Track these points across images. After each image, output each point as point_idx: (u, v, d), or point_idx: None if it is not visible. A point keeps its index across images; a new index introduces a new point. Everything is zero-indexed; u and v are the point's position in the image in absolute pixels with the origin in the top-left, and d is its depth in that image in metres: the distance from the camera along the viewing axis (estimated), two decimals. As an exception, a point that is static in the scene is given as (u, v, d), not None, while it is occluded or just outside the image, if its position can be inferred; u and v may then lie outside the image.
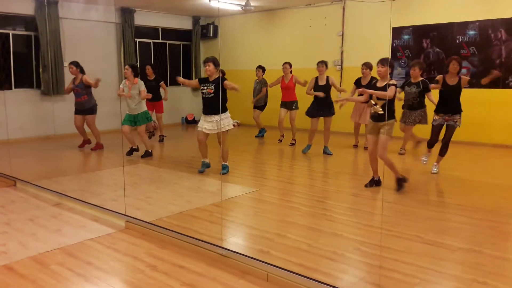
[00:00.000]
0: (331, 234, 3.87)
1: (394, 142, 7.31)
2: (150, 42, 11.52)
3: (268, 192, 5.26)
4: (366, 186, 5.34)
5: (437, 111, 5.98)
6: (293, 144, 8.31)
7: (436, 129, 6.02)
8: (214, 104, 5.75)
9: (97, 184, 5.84)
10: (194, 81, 6.25)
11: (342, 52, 9.88)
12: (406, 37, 9.05)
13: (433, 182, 5.85)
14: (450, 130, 5.88)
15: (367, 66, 7.38)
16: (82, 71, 7.75)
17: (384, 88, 4.91)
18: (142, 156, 7.17)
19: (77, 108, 7.87)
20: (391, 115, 5.01)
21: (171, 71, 11.89)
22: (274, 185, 5.75)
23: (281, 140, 8.48)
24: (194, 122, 11.99)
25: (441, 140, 5.97)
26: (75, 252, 3.48)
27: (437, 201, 5.03)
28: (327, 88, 7.23)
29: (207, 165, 6.20)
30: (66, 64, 9.54)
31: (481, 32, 8.15)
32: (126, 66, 7.13)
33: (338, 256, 3.40)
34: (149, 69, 8.71)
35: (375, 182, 5.36)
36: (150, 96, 7.27)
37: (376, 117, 5.05)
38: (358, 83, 7.63)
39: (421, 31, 8.85)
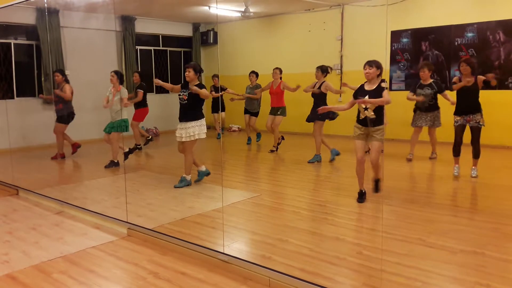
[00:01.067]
0: (332, 239, 3.87)
1: (403, 146, 7.34)
2: (151, 50, 11.58)
3: (270, 197, 5.27)
4: (359, 201, 4.92)
5: (456, 113, 5.87)
6: (273, 151, 8.11)
7: (458, 130, 5.88)
8: (188, 110, 5.59)
9: (99, 192, 5.85)
10: (177, 86, 5.83)
11: (341, 56, 9.91)
12: (405, 40, 9.08)
13: (434, 184, 5.84)
14: (475, 131, 5.77)
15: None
16: (66, 80, 7.81)
17: (374, 91, 4.76)
18: (106, 166, 6.97)
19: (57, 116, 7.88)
20: (382, 119, 4.84)
21: (172, 78, 11.93)
22: (276, 189, 5.75)
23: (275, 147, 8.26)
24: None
25: (470, 144, 5.85)
26: (78, 260, 3.49)
27: (439, 203, 5.02)
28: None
29: (204, 173, 5.95)
30: (68, 72, 9.58)
31: (479, 34, 8.17)
32: (112, 73, 7.04)
33: (340, 260, 3.40)
34: (136, 76, 8.62)
35: (365, 195, 4.97)
36: (128, 104, 7.23)
37: (367, 122, 4.81)
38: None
39: (419, 34, 8.88)
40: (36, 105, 9.48)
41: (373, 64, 4.80)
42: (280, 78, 8.14)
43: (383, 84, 4.86)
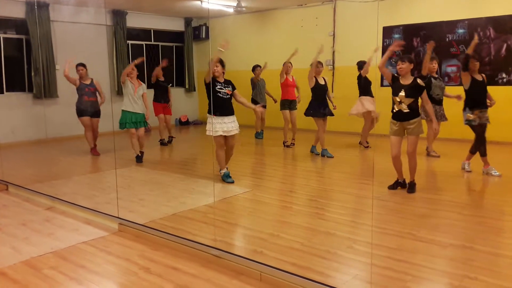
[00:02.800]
0: (324, 233, 3.89)
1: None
2: (143, 44, 11.50)
3: (262, 192, 5.28)
4: (389, 188, 5.14)
5: (471, 108, 5.85)
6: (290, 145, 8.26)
7: (480, 128, 5.88)
8: (230, 105, 5.66)
9: (90, 187, 5.82)
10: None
11: (333, 52, 9.92)
12: (396, 36, 9.11)
13: (425, 179, 5.88)
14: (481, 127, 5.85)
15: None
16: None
17: (410, 86, 4.83)
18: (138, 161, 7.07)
19: (83, 109, 7.60)
20: (416, 113, 4.90)
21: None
22: (268, 185, 5.76)
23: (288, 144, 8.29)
24: (187, 123, 11.99)
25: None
26: (68, 256, 3.48)
27: (429, 198, 5.06)
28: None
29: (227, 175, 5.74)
30: (58, 67, 9.52)
31: (470, 31, 8.22)
32: (133, 67, 7.02)
33: (331, 254, 3.42)
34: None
35: (400, 184, 5.16)
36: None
37: (401, 116, 4.88)
38: (359, 78, 7.69)
39: (411, 30, 8.91)
40: (26, 100, 9.39)
41: (406, 59, 4.86)
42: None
43: (420, 82, 4.90)
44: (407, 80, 4.87)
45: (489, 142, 8.03)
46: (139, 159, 7.03)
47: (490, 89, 8.02)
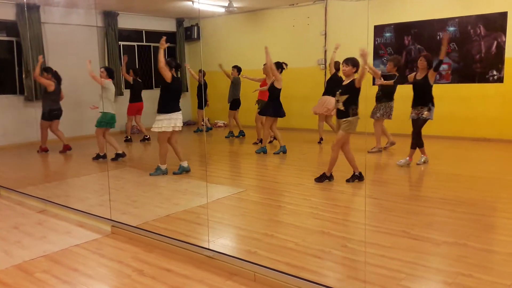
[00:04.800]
0: (318, 232, 3.89)
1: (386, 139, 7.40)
2: (134, 45, 11.45)
3: (255, 192, 5.27)
4: (347, 181, 5.46)
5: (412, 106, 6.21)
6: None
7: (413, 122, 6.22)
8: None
9: (82, 189, 5.78)
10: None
11: (325, 51, 9.93)
12: (387, 34, 9.14)
13: (418, 177, 5.91)
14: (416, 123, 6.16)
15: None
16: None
17: (347, 85, 5.20)
18: (112, 159, 7.12)
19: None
20: (351, 112, 5.18)
21: (156, 74, 11.83)
22: (261, 184, 5.76)
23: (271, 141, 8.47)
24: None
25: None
26: (61, 259, 3.45)
27: (422, 196, 5.09)
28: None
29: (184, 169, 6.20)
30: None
31: (460, 28, 8.27)
32: (101, 69, 7.10)
33: (325, 253, 3.42)
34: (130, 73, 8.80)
35: (356, 177, 5.44)
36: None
37: (338, 114, 5.30)
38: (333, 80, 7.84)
39: (402, 29, 8.95)
40: (17, 103, 9.32)
41: (349, 62, 5.24)
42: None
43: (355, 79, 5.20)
44: (347, 81, 5.27)
45: (480, 139, 8.12)
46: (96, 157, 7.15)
47: (480, 86, 8.13)
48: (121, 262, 3.36)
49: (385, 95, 7.06)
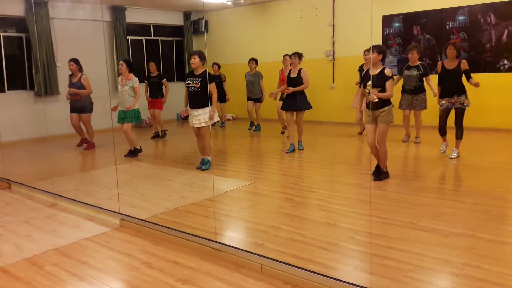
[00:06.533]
0: (325, 224, 3.89)
1: (397, 130, 7.36)
2: (142, 39, 11.48)
3: (263, 185, 5.28)
4: (374, 179, 5.16)
5: (441, 96, 6.04)
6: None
7: (443, 113, 6.07)
8: (200, 98, 5.77)
9: (92, 184, 5.84)
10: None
11: (333, 42, 9.86)
12: (396, 24, 9.04)
13: (427, 168, 5.87)
14: (459, 112, 5.95)
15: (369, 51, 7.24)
16: (81, 69, 7.70)
17: (378, 76, 4.90)
18: (126, 155, 7.03)
19: (72, 106, 7.80)
20: (386, 101, 4.98)
21: (164, 67, 11.86)
22: (269, 177, 5.76)
23: (283, 132, 8.45)
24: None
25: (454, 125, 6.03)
26: (70, 252, 3.49)
27: (431, 187, 5.05)
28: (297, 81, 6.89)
29: (205, 162, 6.05)
30: (58, 64, 9.53)
31: (470, 17, 8.15)
32: (121, 62, 6.99)
33: (332, 245, 3.42)
34: (152, 66, 8.86)
35: (384, 174, 5.19)
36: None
37: (372, 106, 4.97)
38: (361, 69, 7.63)
39: (411, 19, 8.84)
40: (27, 98, 9.41)
41: (375, 49, 4.92)
42: (291, 64, 7.90)
43: (387, 71, 4.92)
44: (375, 71, 4.95)
45: (491, 129, 8.03)
46: (129, 153, 7.07)
47: (491, 75, 8.02)
48: (129, 255, 3.39)
49: (421, 87, 6.95)
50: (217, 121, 6.16)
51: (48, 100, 9.51)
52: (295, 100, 6.85)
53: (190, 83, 5.82)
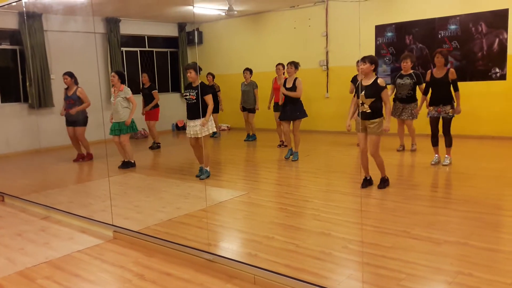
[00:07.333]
0: (319, 234, 3.88)
1: (392, 139, 7.39)
2: (137, 51, 11.52)
3: (257, 195, 5.28)
4: (361, 187, 5.21)
5: (430, 104, 6.13)
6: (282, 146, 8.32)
7: (432, 122, 6.15)
8: (196, 109, 5.82)
9: (85, 195, 5.82)
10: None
11: (327, 52, 9.93)
12: (389, 34, 9.12)
13: (420, 176, 5.89)
14: (445, 122, 6.03)
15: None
16: (76, 82, 7.67)
17: (370, 86, 4.90)
18: (120, 167, 6.99)
19: (67, 119, 7.76)
20: (378, 113, 4.97)
21: (159, 79, 11.90)
22: (264, 187, 5.76)
23: (280, 145, 8.34)
24: (185, 128, 11.98)
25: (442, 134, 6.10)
26: (63, 265, 3.47)
27: (424, 195, 5.06)
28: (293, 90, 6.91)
29: (204, 172, 6.07)
30: (53, 76, 9.53)
31: (462, 27, 8.24)
32: (112, 73, 6.97)
33: (326, 255, 3.42)
34: (145, 77, 8.84)
35: (368, 182, 5.24)
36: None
37: (363, 115, 4.99)
38: (354, 80, 7.65)
39: (403, 28, 8.93)
40: (21, 111, 9.40)
41: (367, 59, 4.91)
42: (284, 73, 7.86)
43: (380, 81, 4.93)
44: (368, 81, 4.95)
45: (483, 137, 8.07)
46: (122, 165, 7.03)
47: (483, 84, 8.09)
48: (122, 267, 3.38)
49: (413, 96, 7.00)
50: (217, 133, 6.23)
51: (42, 113, 9.49)
52: (291, 109, 6.89)
53: (187, 95, 5.93)
